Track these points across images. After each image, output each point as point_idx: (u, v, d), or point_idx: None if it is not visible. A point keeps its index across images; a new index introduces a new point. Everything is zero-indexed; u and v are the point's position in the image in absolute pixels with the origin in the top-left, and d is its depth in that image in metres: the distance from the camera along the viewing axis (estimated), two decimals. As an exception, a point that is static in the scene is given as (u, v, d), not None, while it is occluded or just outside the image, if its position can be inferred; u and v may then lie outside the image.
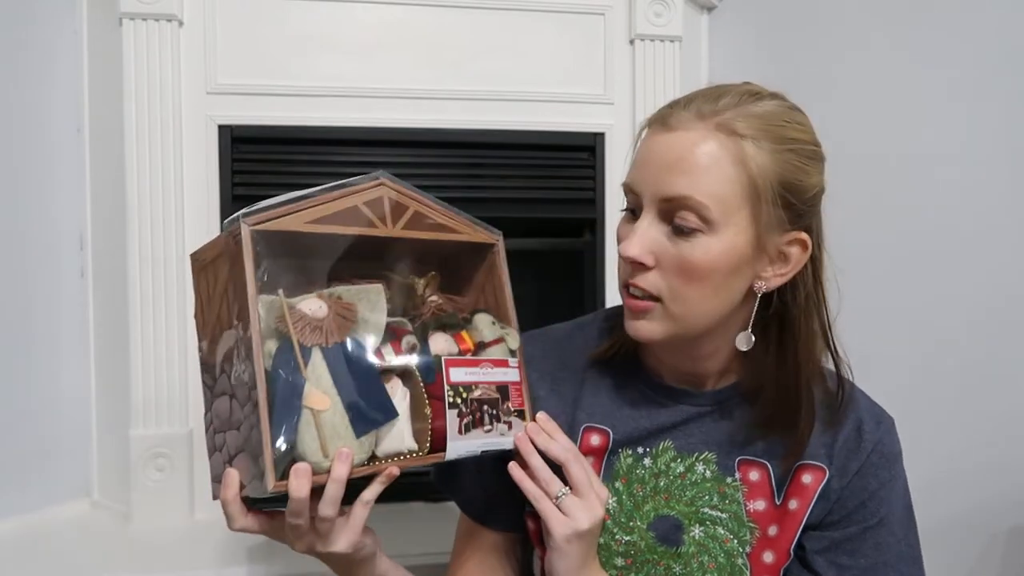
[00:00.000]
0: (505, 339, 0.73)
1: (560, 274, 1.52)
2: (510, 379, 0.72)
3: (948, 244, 1.26)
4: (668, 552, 0.76)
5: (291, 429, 0.59)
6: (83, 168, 1.41)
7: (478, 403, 0.69)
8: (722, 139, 0.66)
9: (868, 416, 0.76)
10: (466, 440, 0.68)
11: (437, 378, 0.68)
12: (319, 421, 0.60)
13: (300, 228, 0.64)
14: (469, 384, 0.69)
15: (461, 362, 0.70)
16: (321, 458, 0.60)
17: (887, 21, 1.34)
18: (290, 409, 0.59)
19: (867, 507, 0.74)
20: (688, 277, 0.67)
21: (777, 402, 0.74)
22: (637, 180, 0.69)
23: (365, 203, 0.67)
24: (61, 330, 1.40)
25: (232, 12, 1.33)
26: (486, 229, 0.75)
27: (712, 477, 0.76)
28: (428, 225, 0.71)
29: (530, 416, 0.73)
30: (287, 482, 0.59)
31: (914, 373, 1.28)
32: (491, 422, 0.70)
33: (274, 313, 0.62)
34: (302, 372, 0.61)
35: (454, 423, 0.67)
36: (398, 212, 0.69)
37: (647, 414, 0.77)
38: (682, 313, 0.68)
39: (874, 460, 0.74)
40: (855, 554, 0.74)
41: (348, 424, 0.62)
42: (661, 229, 0.68)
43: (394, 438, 0.65)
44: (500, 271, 0.76)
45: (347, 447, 0.61)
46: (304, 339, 0.62)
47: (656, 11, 1.44)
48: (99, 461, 1.43)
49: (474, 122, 1.41)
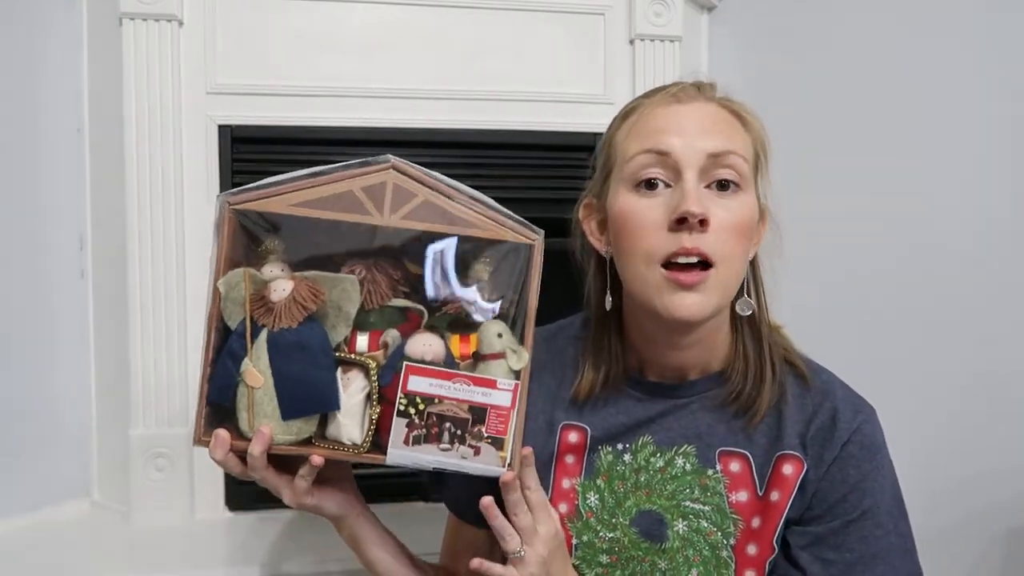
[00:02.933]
0: (507, 356, 0.68)
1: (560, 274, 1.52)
2: (492, 402, 0.66)
3: (948, 246, 1.26)
4: (652, 548, 0.76)
5: (225, 395, 0.66)
6: (83, 168, 1.41)
7: (437, 418, 0.66)
8: (727, 113, 0.73)
9: (845, 405, 0.75)
10: (413, 452, 0.66)
11: (393, 381, 0.66)
12: (251, 397, 0.65)
13: (282, 210, 0.65)
14: (431, 396, 0.66)
15: (428, 372, 0.66)
16: (247, 428, 0.66)
17: (887, 21, 1.34)
18: (228, 378, 0.66)
19: (848, 500, 0.73)
20: (739, 235, 0.69)
21: (745, 375, 0.75)
22: (674, 143, 0.69)
23: (363, 188, 0.66)
24: (61, 330, 1.40)
25: (232, 12, 1.33)
26: (524, 227, 0.69)
27: (692, 470, 0.76)
28: (440, 217, 0.67)
29: (515, 447, 0.67)
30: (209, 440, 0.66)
31: (914, 374, 1.28)
32: (452, 441, 0.66)
33: (238, 288, 0.65)
34: (248, 348, 0.65)
35: (400, 432, 0.66)
36: (400, 200, 0.67)
37: (625, 410, 0.78)
38: (728, 278, 0.70)
39: (852, 451, 0.73)
40: (840, 548, 0.72)
41: (276, 406, 0.65)
42: (702, 191, 0.69)
43: (336, 427, 0.67)
44: (530, 277, 0.69)
45: (267, 427, 0.65)
46: (258, 318, 0.65)
47: (656, 11, 1.44)
48: (99, 460, 1.43)
49: (474, 122, 1.41)
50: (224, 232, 0.65)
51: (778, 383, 0.75)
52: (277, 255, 0.67)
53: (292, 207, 0.65)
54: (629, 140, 0.73)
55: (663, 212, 0.69)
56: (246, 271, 0.65)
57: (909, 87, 1.31)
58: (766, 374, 0.75)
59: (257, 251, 0.67)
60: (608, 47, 1.45)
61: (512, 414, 0.67)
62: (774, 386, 0.75)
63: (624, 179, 0.72)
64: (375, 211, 0.66)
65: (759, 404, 0.74)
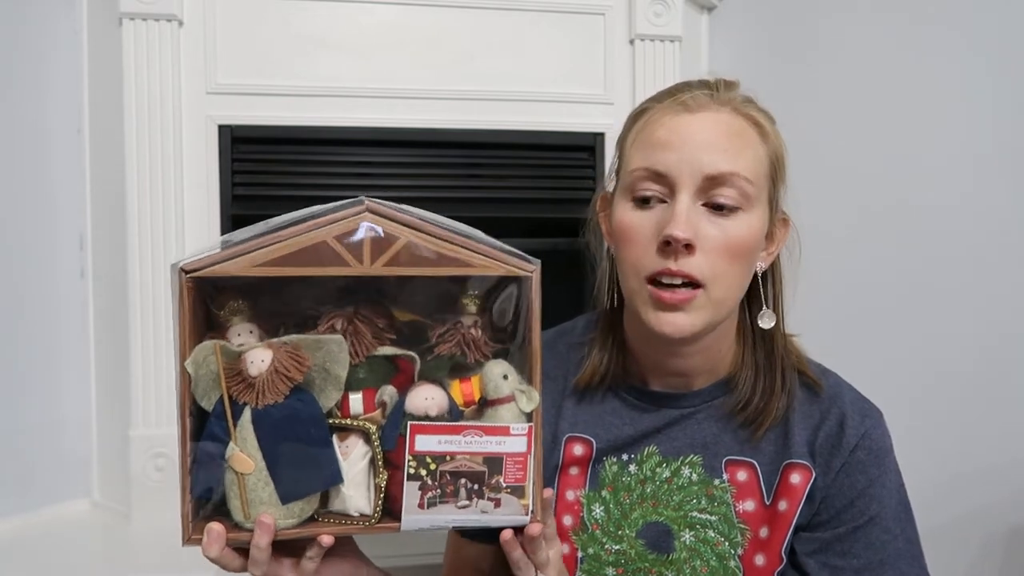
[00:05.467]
0: (517, 398, 0.62)
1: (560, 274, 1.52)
2: (508, 450, 0.61)
3: (948, 248, 1.26)
4: (659, 559, 0.74)
5: (213, 487, 0.59)
6: (83, 168, 1.41)
7: (452, 476, 0.60)
8: (743, 121, 0.69)
9: (853, 410, 0.74)
10: (429, 515, 0.60)
11: (399, 443, 0.60)
12: (242, 483, 0.59)
13: (245, 273, 0.57)
14: (441, 455, 0.60)
15: (435, 429, 0.60)
16: (242, 519, 0.59)
17: (888, 21, 1.34)
18: (213, 467, 0.59)
19: (855, 505, 0.72)
20: (732, 257, 0.67)
21: (754, 385, 0.73)
22: (671, 161, 0.67)
23: (337, 236, 0.58)
24: (61, 330, 1.40)
25: (232, 12, 1.33)
26: (519, 259, 0.62)
27: (699, 480, 0.75)
28: (426, 258, 0.60)
29: (536, 492, 0.62)
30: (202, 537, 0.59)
31: (915, 375, 1.28)
32: (470, 497, 0.61)
33: (213, 361, 0.58)
34: (230, 431, 0.58)
35: (413, 496, 0.60)
36: (381, 246, 0.59)
37: (630, 420, 0.76)
38: (722, 297, 0.68)
39: (860, 456, 0.72)
40: (847, 555, 0.71)
41: (273, 490, 0.59)
42: (697, 210, 0.67)
43: (341, 500, 0.61)
44: (530, 311, 0.63)
45: (268, 515, 0.58)
46: (237, 395, 0.58)
47: (656, 11, 1.44)
48: (99, 461, 1.43)
49: (474, 122, 1.41)
50: (184, 305, 0.58)
51: (787, 392, 0.74)
52: (242, 315, 0.61)
53: (257, 268, 0.57)
54: (633, 149, 0.71)
55: (654, 229, 0.67)
56: (216, 344, 0.58)
57: (909, 87, 1.31)
58: (776, 384, 0.73)
59: (220, 314, 0.61)
60: (608, 47, 1.45)
61: (529, 459, 0.62)
62: (783, 396, 0.73)
63: (625, 188, 0.71)
64: (353, 260, 0.58)
65: (767, 415, 0.73)
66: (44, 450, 1.37)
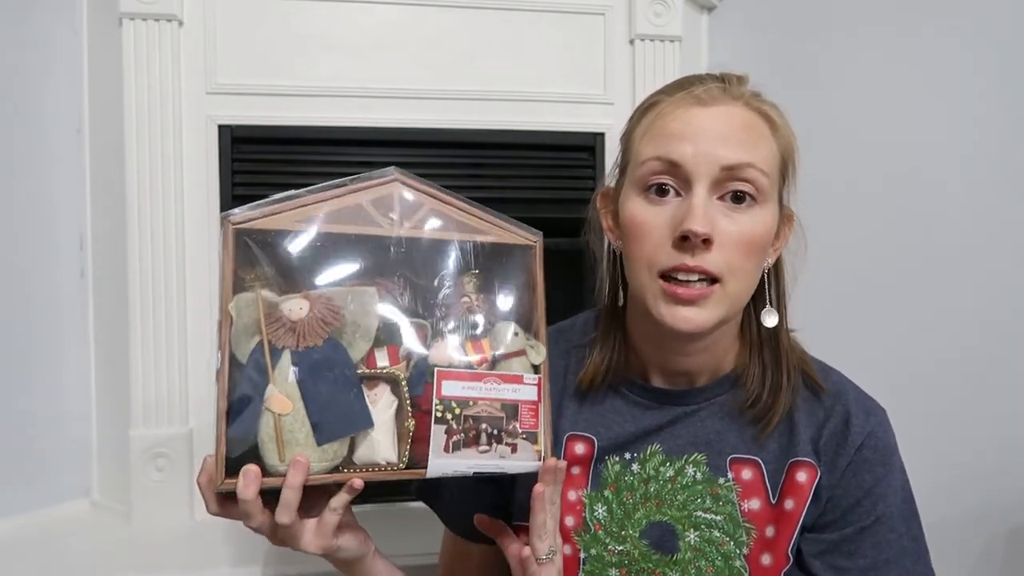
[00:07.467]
0: (527, 352, 0.68)
1: (560, 274, 1.52)
2: (522, 397, 0.67)
3: (948, 245, 1.26)
4: (664, 560, 0.73)
5: (250, 429, 0.60)
6: (83, 168, 1.41)
7: (475, 420, 0.65)
8: (755, 115, 0.69)
9: (857, 408, 0.73)
10: (453, 459, 0.64)
11: (426, 390, 0.64)
12: (279, 425, 0.60)
13: (287, 227, 0.63)
14: (465, 399, 0.65)
15: (459, 375, 0.65)
16: (277, 461, 0.60)
17: (888, 21, 1.34)
18: (251, 409, 0.60)
19: (862, 505, 0.71)
20: (748, 251, 0.66)
21: (763, 381, 0.73)
22: (687, 153, 0.65)
23: (371, 201, 0.65)
24: (61, 330, 1.40)
25: (232, 12, 1.33)
26: (524, 230, 0.70)
27: (704, 479, 0.74)
28: (448, 225, 0.67)
29: (546, 440, 0.67)
30: (236, 480, 0.59)
31: (914, 373, 1.28)
32: (490, 443, 0.65)
33: (252, 311, 0.62)
34: (268, 373, 0.61)
35: (440, 439, 0.63)
36: (408, 210, 0.66)
37: (632, 418, 0.76)
38: (737, 293, 0.67)
39: (866, 455, 0.72)
40: (853, 555, 0.71)
41: (309, 431, 0.61)
42: (713, 204, 0.66)
43: (368, 447, 0.63)
44: (533, 276, 0.69)
45: (303, 455, 0.60)
46: (276, 340, 0.62)
47: (656, 11, 1.44)
48: (99, 461, 1.43)
49: (474, 122, 1.41)
50: (228, 252, 0.62)
51: (792, 389, 0.73)
52: (265, 283, 0.64)
53: (297, 223, 0.63)
54: (644, 141, 0.70)
55: (669, 223, 0.66)
56: (258, 292, 0.62)
57: (910, 86, 1.31)
58: (783, 380, 0.73)
59: (246, 279, 0.64)
60: (608, 47, 1.45)
61: (540, 408, 0.67)
62: (789, 393, 0.73)
63: (635, 182, 0.69)
64: (385, 223, 0.65)
65: (775, 411, 0.72)
66: (44, 450, 1.37)
